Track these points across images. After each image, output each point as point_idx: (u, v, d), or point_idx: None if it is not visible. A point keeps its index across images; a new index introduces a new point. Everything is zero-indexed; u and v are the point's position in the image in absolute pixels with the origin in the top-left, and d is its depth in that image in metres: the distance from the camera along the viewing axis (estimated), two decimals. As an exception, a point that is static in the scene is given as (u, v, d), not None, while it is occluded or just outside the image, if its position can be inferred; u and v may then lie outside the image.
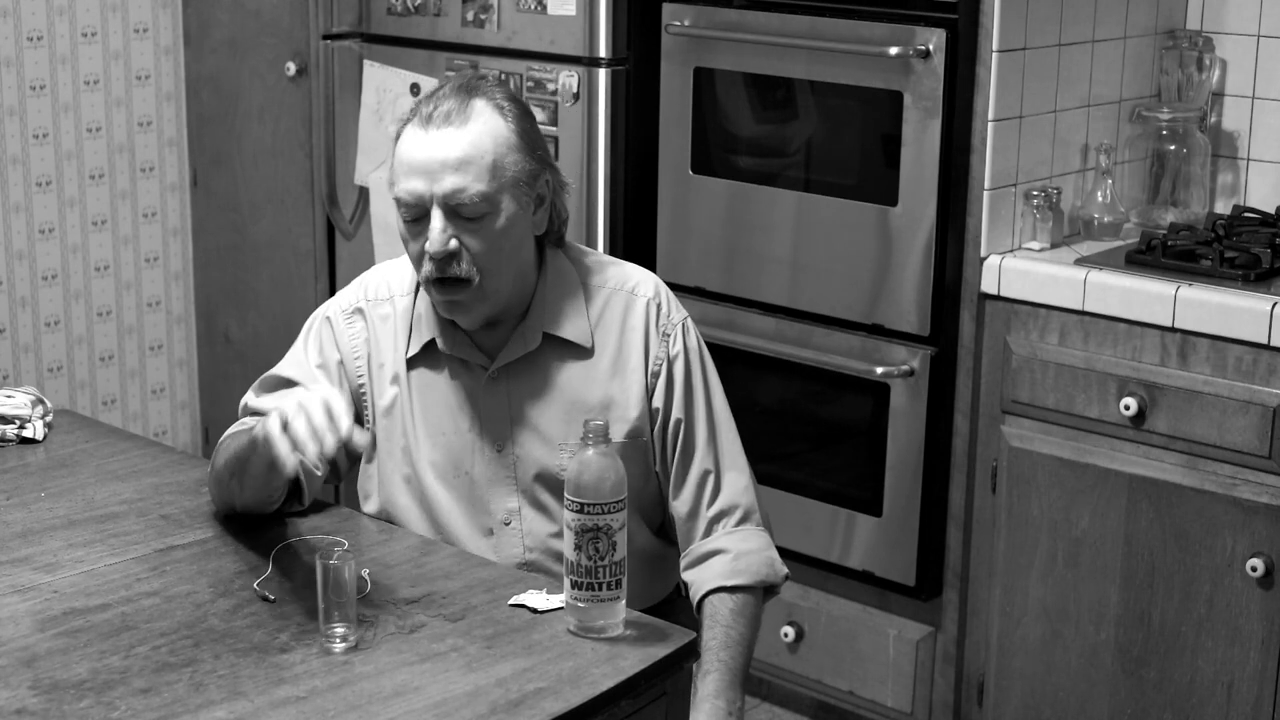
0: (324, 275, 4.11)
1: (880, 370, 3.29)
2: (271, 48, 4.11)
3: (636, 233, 3.63)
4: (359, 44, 3.91)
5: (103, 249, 4.26)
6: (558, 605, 2.09)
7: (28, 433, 2.65)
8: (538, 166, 2.27)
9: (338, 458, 2.28)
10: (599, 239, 3.59)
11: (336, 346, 2.38)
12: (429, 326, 2.34)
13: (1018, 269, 3.15)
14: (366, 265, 3.38)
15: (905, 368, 3.27)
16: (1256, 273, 3.00)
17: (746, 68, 3.44)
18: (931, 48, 3.15)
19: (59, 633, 2.02)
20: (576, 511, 2.01)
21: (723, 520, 2.34)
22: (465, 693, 1.90)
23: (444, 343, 2.33)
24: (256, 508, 2.32)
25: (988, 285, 3.18)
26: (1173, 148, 3.41)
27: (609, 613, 2.04)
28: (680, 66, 3.52)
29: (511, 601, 2.12)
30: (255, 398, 2.40)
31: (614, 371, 2.33)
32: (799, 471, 3.49)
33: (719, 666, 2.22)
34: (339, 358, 2.38)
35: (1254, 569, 2.92)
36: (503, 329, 2.33)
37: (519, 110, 2.27)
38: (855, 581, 3.45)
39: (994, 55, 3.13)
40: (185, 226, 4.41)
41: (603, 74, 3.53)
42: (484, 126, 2.22)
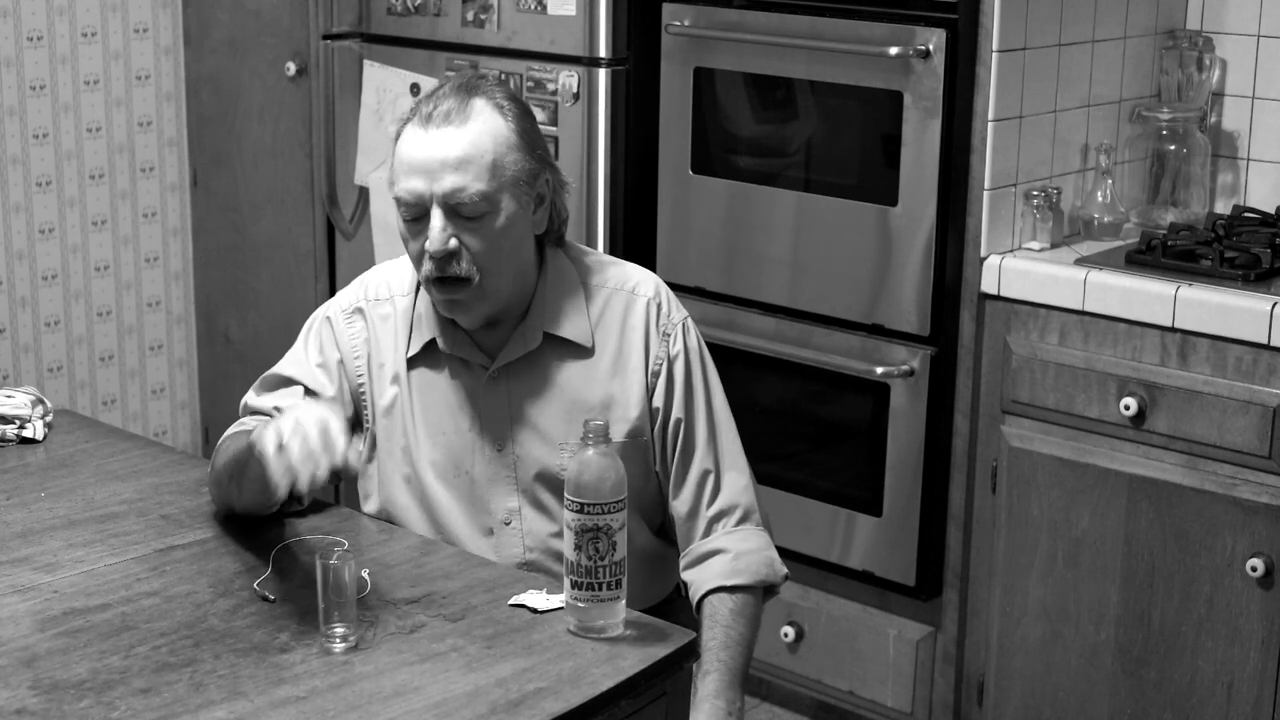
0: (324, 275, 4.10)
1: (880, 370, 3.29)
2: (271, 48, 4.11)
3: (636, 233, 3.63)
4: (359, 44, 3.90)
5: (103, 249, 4.26)
6: (558, 605, 2.09)
7: (28, 433, 2.65)
8: (538, 166, 2.27)
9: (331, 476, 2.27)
10: (599, 239, 3.59)
11: (336, 346, 2.38)
12: (429, 326, 2.34)
13: (1018, 269, 3.15)
14: (366, 265, 3.38)
15: (905, 368, 3.27)
16: (1256, 273, 3.00)
17: (746, 68, 3.43)
18: (931, 48, 3.15)
19: (59, 633, 2.02)
20: (576, 511, 2.01)
21: (722, 520, 2.34)
22: (465, 693, 1.90)
23: (444, 342, 2.33)
24: (256, 509, 2.32)
25: (988, 285, 3.18)
26: (1173, 148, 3.41)
27: (609, 613, 2.04)
28: (680, 66, 3.52)
29: (511, 601, 2.12)
30: (256, 397, 2.40)
31: (614, 371, 2.33)
32: (799, 471, 3.49)
33: (719, 666, 2.21)
34: (339, 357, 2.38)
35: (1254, 569, 2.92)
36: (503, 328, 2.33)
37: (519, 109, 2.27)
38: (855, 581, 3.44)
39: (994, 55, 3.12)
40: (185, 226, 4.41)
41: (603, 74, 3.53)
42: (484, 126, 2.22)
